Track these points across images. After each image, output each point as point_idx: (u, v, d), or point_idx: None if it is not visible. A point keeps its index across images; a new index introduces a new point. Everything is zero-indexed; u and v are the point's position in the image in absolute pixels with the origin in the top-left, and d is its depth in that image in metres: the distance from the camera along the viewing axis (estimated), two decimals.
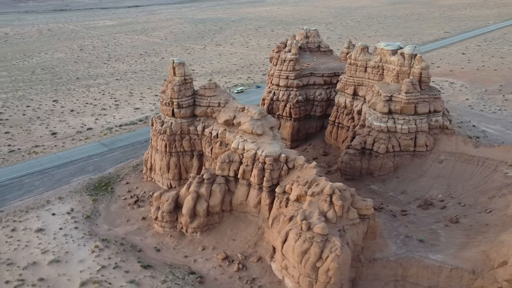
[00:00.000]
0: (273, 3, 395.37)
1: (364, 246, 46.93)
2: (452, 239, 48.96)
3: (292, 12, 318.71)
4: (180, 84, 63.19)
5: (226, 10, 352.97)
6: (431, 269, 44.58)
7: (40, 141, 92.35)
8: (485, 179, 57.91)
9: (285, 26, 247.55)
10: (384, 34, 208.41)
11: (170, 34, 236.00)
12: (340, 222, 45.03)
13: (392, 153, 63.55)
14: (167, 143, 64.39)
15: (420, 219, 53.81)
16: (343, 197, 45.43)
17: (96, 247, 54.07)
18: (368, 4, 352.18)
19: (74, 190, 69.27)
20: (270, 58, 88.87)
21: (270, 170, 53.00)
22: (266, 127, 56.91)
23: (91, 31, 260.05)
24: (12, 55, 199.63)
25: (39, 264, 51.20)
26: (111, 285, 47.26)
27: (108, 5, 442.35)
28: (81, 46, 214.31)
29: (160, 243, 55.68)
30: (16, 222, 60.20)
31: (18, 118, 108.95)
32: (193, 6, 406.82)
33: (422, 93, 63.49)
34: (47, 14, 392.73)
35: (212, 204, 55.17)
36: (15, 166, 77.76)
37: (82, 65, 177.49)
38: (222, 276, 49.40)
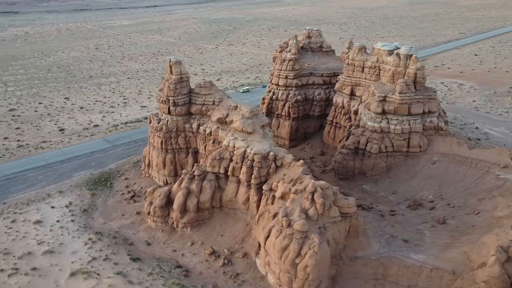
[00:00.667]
0: (289, 3, 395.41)
1: (346, 244, 47.33)
2: (437, 240, 48.90)
3: (307, 12, 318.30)
4: (176, 83, 64.56)
5: (242, 10, 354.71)
6: (412, 268, 44.68)
7: (48, 137, 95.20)
8: (476, 180, 57.49)
9: (299, 26, 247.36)
10: (398, 35, 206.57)
11: (184, 34, 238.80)
12: (321, 220, 45.55)
13: (385, 153, 63.59)
14: (163, 140, 65.86)
15: (408, 220, 53.84)
16: (325, 195, 45.94)
17: (89, 240, 55.82)
18: (385, 5, 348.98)
19: (75, 184, 71.43)
20: (273, 58, 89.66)
21: (259, 168, 53.82)
22: (257, 125, 57.76)
23: (108, 30, 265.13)
24: (30, 54, 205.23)
25: (33, 254, 53.18)
26: (100, 276, 48.83)
27: (127, 5, 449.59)
28: (97, 45, 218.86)
29: (151, 237, 57.11)
30: (17, 214, 62.52)
31: (29, 115, 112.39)
32: (210, 6, 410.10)
33: (416, 94, 63.35)
34: (67, 13, 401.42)
35: (202, 200, 56.32)
36: (21, 161, 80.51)
37: (97, 63, 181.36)
38: (208, 270, 50.47)
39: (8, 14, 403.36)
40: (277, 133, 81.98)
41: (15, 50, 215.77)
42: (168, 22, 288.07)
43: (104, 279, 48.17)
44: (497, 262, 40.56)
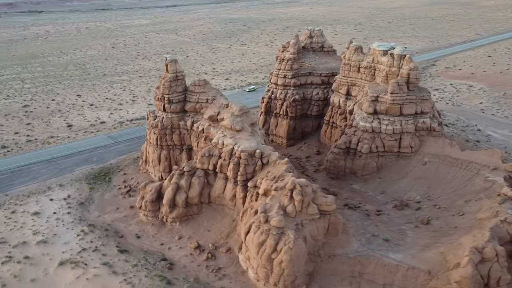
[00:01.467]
0: (307, 3, 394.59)
1: (325, 242, 47.88)
2: (418, 240, 48.96)
3: (324, 13, 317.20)
4: (171, 81, 66.11)
5: (259, 10, 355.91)
6: (389, 267, 44.95)
7: (56, 132, 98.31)
8: (465, 182, 57.10)
9: (314, 26, 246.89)
10: (412, 35, 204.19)
11: (199, 34, 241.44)
12: (299, 217, 46.25)
13: (376, 153, 63.67)
14: (158, 136, 67.52)
15: (392, 219, 53.96)
16: (304, 192, 46.59)
17: (81, 231, 57.83)
18: (404, 5, 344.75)
19: (75, 178, 73.82)
20: (276, 57, 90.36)
21: (245, 165, 54.81)
22: (246, 123, 58.75)
23: (126, 29, 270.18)
24: (49, 52, 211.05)
25: (28, 244, 55.46)
26: (87, 266, 50.66)
27: (147, 5, 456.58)
28: (114, 44, 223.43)
29: (141, 231, 58.75)
30: (17, 205, 65.12)
31: (41, 111, 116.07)
32: (228, 6, 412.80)
33: (409, 94, 63.21)
34: (89, 13, 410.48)
35: (190, 196, 57.64)
36: (27, 155, 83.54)
37: (111, 62, 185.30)
38: (191, 264, 51.75)
39: (32, 13, 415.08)
40: (275, 132, 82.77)
41: (36, 48, 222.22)
42: (184, 22, 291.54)
43: (90, 269, 49.97)
44: (470, 262, 40.54)
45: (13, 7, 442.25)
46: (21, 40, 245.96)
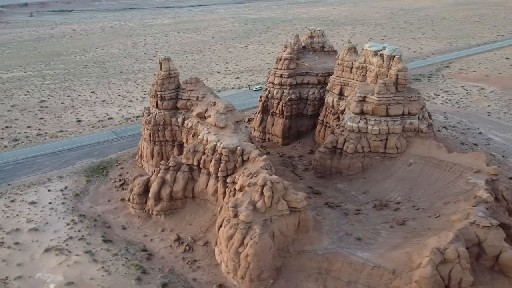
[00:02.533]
0: (331, 4, 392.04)
1: (295, 238, 48.77)
2: (389, 240, 49.17)
3: (346, 13, 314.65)
4: (164, 78, 68.23)
5: (282, 10, 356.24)
6: (355, 265, 45.46)
7: (65, 127, 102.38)
8: (448, 184, 56.71)
9: (333, 26, 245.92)
10: (431, 36, 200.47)
11: (218, 33, 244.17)
12: (269, 213, 47.32)
13: (362, 153, 63.86)
14: (151, 132, 69.79)
15: (369, 219, 54.23)
16: (274, 189, 47.60)
17: (71, 221, 60.62)
18: (430, 5, 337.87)
19: (75, 171, 77.03)
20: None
21: (226, 161, 56.24)
22: (231, 121, 60.13)
23: (148, 28, 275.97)
24: (73, 50, 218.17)
25: (20, 231, 58.60)
26: (70, 253, 53.25)
27: (173, 4, 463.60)
28: (134, 42, 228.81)
29: (128, 222, 61.07)
30: (17, 195, 68.64)
31: (56, 106, 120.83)
32: (252, 6, 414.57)
33: (396, 95, 63.11)
34: (116, 12, 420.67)
35: (175, 190, 59.53)
36: (34, 147, 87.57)
37: (130, 60, 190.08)
38: (169, 255, 53.59)
39: (63, 12, 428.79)
40: (271, 130, 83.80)
41: (60, 46, 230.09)
42: (206, 21, 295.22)
43: (73, 256, 52.52)
44: (431, 263, 40.71)
45: (45, 6, 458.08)
46: (48, 38, 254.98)
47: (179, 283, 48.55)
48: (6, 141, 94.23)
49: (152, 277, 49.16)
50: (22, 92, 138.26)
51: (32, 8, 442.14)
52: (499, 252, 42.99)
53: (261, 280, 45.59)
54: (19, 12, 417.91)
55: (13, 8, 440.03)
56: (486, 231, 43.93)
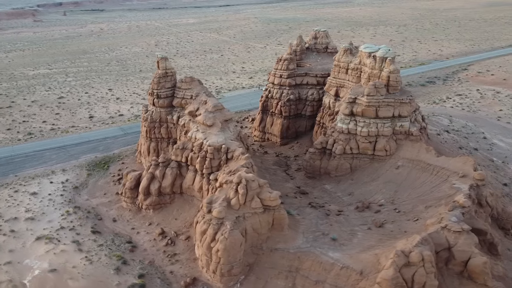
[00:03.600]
0: (358, 4, 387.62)
1: (270, 236, 49.55)
2: (364, 242, 49.22)
3: (372, 13, 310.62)
4: (160, 77, 70.32)
5: (307, 10, 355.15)
6: (324, 265, 45.83)
7: (78, 122, 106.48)
8: (433, 188, 56.08)
9: (355, 27, 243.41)
10: (454, 38, 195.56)
11: (240, 33, 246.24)
12: (243, 210, 48.33)
13: (350, 155, 63.86)
14: (147, 129, 72.02)
15: (349, 220, 54.33)
16: (249, 187, 48.58)
17: (66, 212, 63.43)
18: (460, 6, 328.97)
19: (78, 165, 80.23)
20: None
21: (210, 159, 57.61)
22: (219, 119, 61.45)
23: (172, 28, 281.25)
24: (98, 48, 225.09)
25: (18, 219, 61.77)
26: (59, 242, 55.85)
27: (201, 4, 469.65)
28: (157, 42, 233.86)
29: (119, 215, 63.33)
30: (21, 186, 72.22)
31: (73, 102, 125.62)
32: (279, 6, 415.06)
33: (386, 97, 62.78)
34: (145, 12, 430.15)
35: (163, 185, 61.37)
36: (44, 141, 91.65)
37: (151, 59, 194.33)
38: (152, 248, 55.37)
39: (95, 11, 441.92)
40: (270, 130, 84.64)
41: (87, 44, 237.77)
42: (229, 21, 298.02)
43: (61, 245, 55.07)
44: (393, 265, 40.69)
45: (78, 5, 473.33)
46: (77, 37, 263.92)
47: (156, 274, 50.23)
48: (21, 135, 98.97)
49: (131, 268, 51.07)
50: (44, 89, 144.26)
51: (66, 8, 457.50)
52: (468, 258, 42.41)
53: (231, 275, 46.64)
54: (54, 12, 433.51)
55: (49, 7, 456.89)
56: (456, 236, 43.45)
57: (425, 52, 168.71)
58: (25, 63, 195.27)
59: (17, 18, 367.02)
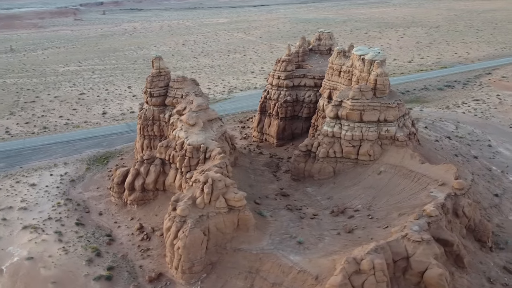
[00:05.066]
0: (394, 4, 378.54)
1: (235, 236, 49.93)
2: (329, 247, 48.68)
3: (405, 14, 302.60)
4: (154, 76, 72.10)
5: (340, 11, 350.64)
6: (283, 268, 45.76)
7: (91, 118, 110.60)
8: (411, 196, 54.60)
9: (384, 29, 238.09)
10: (485, 40, 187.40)
11: (266, 33, 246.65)
12: (207, 209, 48.98)
13: (334, 158, 63.11)
14: (141, 126, 74.05)
15: (321, 224, 53.83)
16: (215, 186, 49.19)
17: (57, 204, 66.27)
18: (501, 7, 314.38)
19: (80, 159, 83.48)
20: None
21: (189, 157, 58.65)
22: (202, 119, 62.39)
23: (203, 27, 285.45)
24: (128, 47, 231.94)
25: (12, 209, 65.09)
26: (43, 231, 58.52)
27: (237, 4, 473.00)
28: (185, 41, 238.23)
29: (106, 209, 65.51)
30: (24, 177, 76.02)
31: (91, 99, 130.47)
32: (313, 6, 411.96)
33: (372, 101, 61.59)
34: (181, 11, 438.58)
35: (147, 182, 62.99)
36: (54, 135, 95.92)
37: (175, 58, 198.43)
38: (128, 242, 57.01)
39: (133, 11, 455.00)
40: (268, 131, 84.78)
41: (119, 43, 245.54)
42: (259, 21, 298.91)
43: (43, 235, 57.68)
44: (343, 271, 40.18)
45: (118, 5, 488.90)
46: (111, 35, 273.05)
47: (125, 268, 51.76)
48: (37, 129, 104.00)
49: (103, 260, 52.84)
50: (68, 85, 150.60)
51: (107, 7, 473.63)
52: (425, 269, 41.20)
53: (192, 273, 47.40)
54: (94, 11, 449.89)
55: (90, 6, 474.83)
56: (415, 246, 42.28)
57: (451, 55, 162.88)
58: (58, 60, 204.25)
59: (59, 16, 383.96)
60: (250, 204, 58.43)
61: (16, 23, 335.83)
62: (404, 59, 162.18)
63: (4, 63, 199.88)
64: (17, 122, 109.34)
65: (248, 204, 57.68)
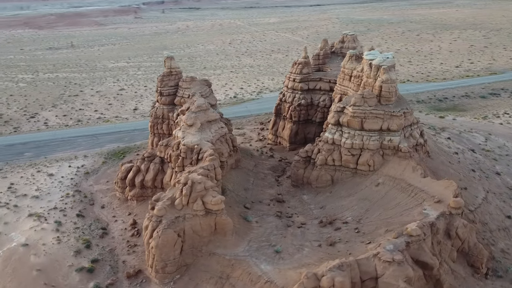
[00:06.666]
0: (458, 5, 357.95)
1: (212, 240, 49.59)
2: (305, 259, 46.92)
3: (467, 15, 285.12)
4: (164, 75, 73.36)
5: (397, 11, 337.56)
6: (252, 276, 44.79)
7: (122, 113, 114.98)
8: (404, 211, 51.25)
9: (439, 31, 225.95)
10: None
11: (314, 34, 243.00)
12: (185, 211, 49.03)
13: (332, 166, 60.73)
14: (151, 124, 75.67)
15: (305, 235, 52.02)
16: (194, 188, 49.12)
17: (66, 194, 69.48)
18: None
19: (100, 152, 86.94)
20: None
21: (183, 158, 59.06)
22: (201, 120, 62.51)
23: (252, 27, 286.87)
24: (178, 45, 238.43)
25: (26, 196, 69.12)
26: (45, 220, 61.48)
27: (292, 4, 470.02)
28: (232, 40, 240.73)
29: (109, 203, 67.66)
30: (45, 167, 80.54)
31: (129, 95, 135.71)
32: (370, 6, 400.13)
33: (375, 108, 58.50)
34: (237, 10, 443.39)
35: (146, 179, 64.30)
36: (83, 128, 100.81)
37: (219, 57, 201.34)
38: (119, 237, 58.49)
39: (191, 10, 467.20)
40: (281, 134, 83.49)
41: (169, 41, 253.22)
42: (309, 21, 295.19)
43: (44, 223, 60.69)
44: (301, 286, 38.58)
45: (178, 3, 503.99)
46: (164, 33, 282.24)
47: (109, 262, 53.10)
48: (71, 121, 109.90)
49: (91, 253, 54.59)
50: (112, 80, 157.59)
51: (167, 6, 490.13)
52: None
53: (165, 273, 47.66)
54: (155, 9, 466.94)
55: (152, 5, 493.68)
56: (385, 266, 39.64)
57: (505, 61, 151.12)
58: (110, 56, 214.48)
59: (121, 15, 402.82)
60: (239, 208, 58.08)
61: (81, 20, 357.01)
62: (452, 64, 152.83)
63: (63, 58, 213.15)
64: (56, 114, 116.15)
65: (236, 208, 57.72)
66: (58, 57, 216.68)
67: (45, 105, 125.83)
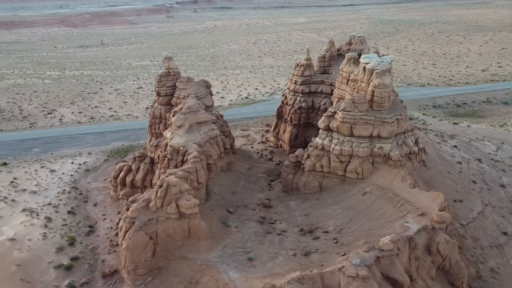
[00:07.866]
0: (497, 6, 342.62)
1: (185, 243, 49.01)
2: (276, 268, 45.51)
3: (505, 17, 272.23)
4: (162, 76, 73.49)
5: (431, 11, 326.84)
6: (219, 283, 43.86)
7: (134, 112, 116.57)
8: (387, 223, 48.88)
9: (470, 32, 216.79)
10: None
11: (340, 34, 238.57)
12: (159, 213, 48.67)
13: (321, 172, 58.83)
14: (150, 124, 75.98)
15: (283, 242, 50.51)
16: (168, 191, 48.68)
17: (63, 190, 70.84)
18: None
19: (104, 150, 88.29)
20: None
21: (169, 159, 58.83)
22: (190, 121, 62.09)
23: (279, 27, 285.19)
24: (203, 44, 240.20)
25: (25, 191, 70.94)
26: (36, 216, 62.75)
27: (324, 3, 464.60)
28: (257, 40, 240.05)
29: (102, 201, 68.42)
30: (49, 163, 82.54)
31: (145, 93, 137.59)
32: (404, 6, 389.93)
33: (366, 114, 56.20)
34: (268, 10, 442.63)
35: (136, 179, 64.59)
36: (92, 126, 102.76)
37: (242, 56, 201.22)
38: (104, 235, 58.87)
39: (223, 9, 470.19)
40: (282, 137, 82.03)
41: (196, 40, 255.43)
42: (338, 22, 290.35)
43: (35, 219, 61.93)
44: None
45: (210, 3, 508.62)
46: (191, 33, 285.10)
47: (88, 260, 53.48)
48: (85, 119, 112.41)
49: (73, 250, 55.17)
50: (132, 79, 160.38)
51: (199, 5, 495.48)
52: None
53: (136, 275, 47.44)
54: (187, 8, 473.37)
55: (185, 4, 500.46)
56: (349, 281, 37.73)
57: None
58: (136, 55, 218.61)
59: (154, 14, 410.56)
60: (221, 212, 57.22)
61: (115, 19, 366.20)
62: (478, 67, 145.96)
63: (91, 56, 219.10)
64: (72, 111, 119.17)
65: (218, 211, 56.91)
66: (87, 54, 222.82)
67: (64, 101, 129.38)
